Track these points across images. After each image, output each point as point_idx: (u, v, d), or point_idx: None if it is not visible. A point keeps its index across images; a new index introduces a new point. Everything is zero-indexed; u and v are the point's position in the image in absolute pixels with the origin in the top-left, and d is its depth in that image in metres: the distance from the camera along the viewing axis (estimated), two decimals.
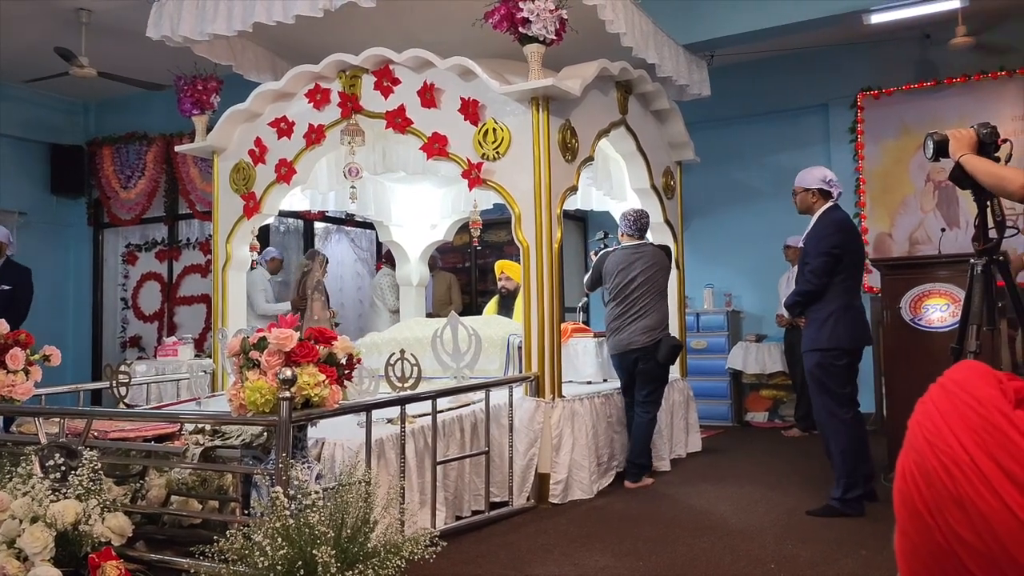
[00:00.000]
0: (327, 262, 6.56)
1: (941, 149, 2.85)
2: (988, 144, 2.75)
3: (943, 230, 6.81)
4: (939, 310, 5.00)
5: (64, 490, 3.08)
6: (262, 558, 2.47)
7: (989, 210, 2.80)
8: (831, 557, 3.42)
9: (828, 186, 4.33)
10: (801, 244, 4.42)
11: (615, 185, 6.15)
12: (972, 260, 2.92)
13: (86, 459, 3.14)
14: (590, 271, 5.40)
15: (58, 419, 3.51)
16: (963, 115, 6.91)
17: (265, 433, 3.26)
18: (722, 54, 7.00)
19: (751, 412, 8.03)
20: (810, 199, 4.34)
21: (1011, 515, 1.25)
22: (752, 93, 8.10)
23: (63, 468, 3.18)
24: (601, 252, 5.36)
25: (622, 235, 5.24)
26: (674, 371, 5.84)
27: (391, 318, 7.38)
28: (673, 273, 5.73)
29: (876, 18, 6.32)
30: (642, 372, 5.00)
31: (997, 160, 2.74)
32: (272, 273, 7.69)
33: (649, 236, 5.41)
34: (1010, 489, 1.26)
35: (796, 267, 7.00)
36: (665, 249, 5.34)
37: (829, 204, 4.30)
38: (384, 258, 8.08)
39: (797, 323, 4.65)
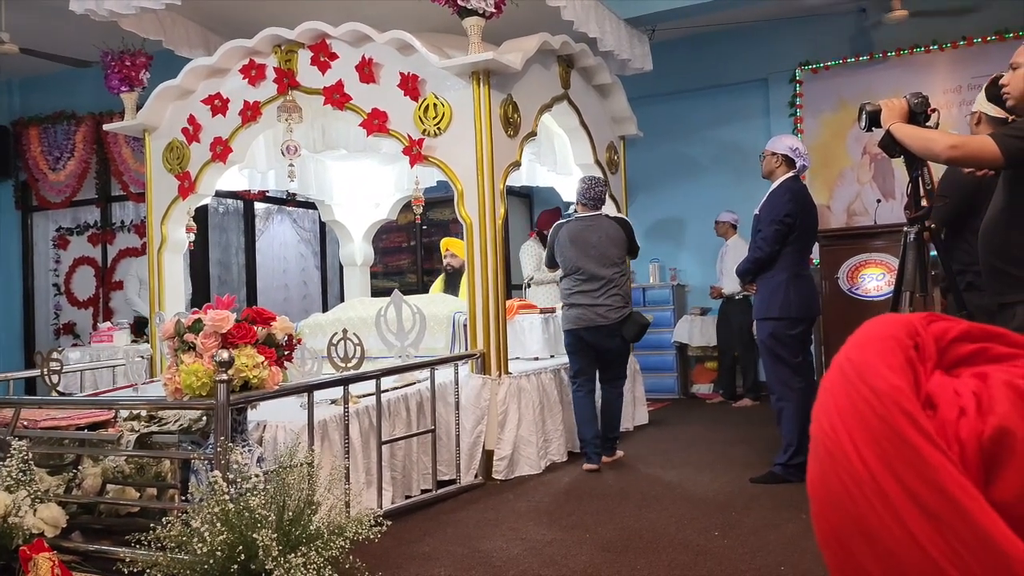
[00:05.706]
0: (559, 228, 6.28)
1: (874, 119, 2.89)
2: (918, 114, 2.80)
3: (879, 201, 6.96)
4: (875, 279, 5.13)
5: None
6: (200, 544, 2.41)
7: (920, 179, 2.85)
8: (773, 522, 3.49)
9: (794, 155, 4.34)
10: (756, 213, 4.41)
11: (559, 160, 6.13)
12: (905, 228, 2.98)
13: (15, 449, 3.03)
14: (546, 248, 5.06)
15: None
16: (898, 88, 7.02)
17: (204, 417, 3.19)
18: (663, 28, 7.00)
19: (697, 384, 8.15)
20: (774, 163, 4.35)
21: (919, 549, 0.96)
22: (693, 67, 8.13)
23: None
24: (554, 225, 5.00)
25: (577, 205, 4.94)
26: None
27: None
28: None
29: None
30: (607, 351, 4.79)
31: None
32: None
33: (611, 208, 5.13)
34: (917, 517, 0.95)
35: (729, 241, 7.14)
36: (622, 222, 4.93)
37: (790, 174, 4.33)
38: (536, 226, 7.69)
39: (748, 291, 4.68)
